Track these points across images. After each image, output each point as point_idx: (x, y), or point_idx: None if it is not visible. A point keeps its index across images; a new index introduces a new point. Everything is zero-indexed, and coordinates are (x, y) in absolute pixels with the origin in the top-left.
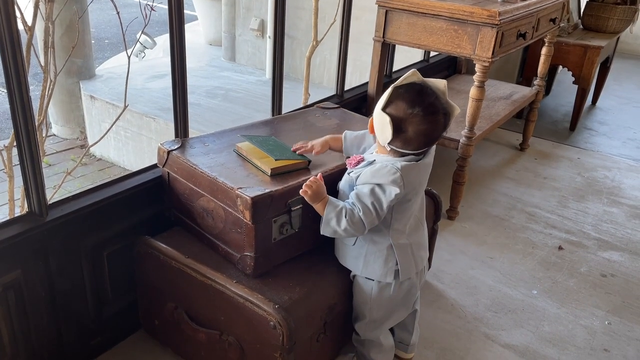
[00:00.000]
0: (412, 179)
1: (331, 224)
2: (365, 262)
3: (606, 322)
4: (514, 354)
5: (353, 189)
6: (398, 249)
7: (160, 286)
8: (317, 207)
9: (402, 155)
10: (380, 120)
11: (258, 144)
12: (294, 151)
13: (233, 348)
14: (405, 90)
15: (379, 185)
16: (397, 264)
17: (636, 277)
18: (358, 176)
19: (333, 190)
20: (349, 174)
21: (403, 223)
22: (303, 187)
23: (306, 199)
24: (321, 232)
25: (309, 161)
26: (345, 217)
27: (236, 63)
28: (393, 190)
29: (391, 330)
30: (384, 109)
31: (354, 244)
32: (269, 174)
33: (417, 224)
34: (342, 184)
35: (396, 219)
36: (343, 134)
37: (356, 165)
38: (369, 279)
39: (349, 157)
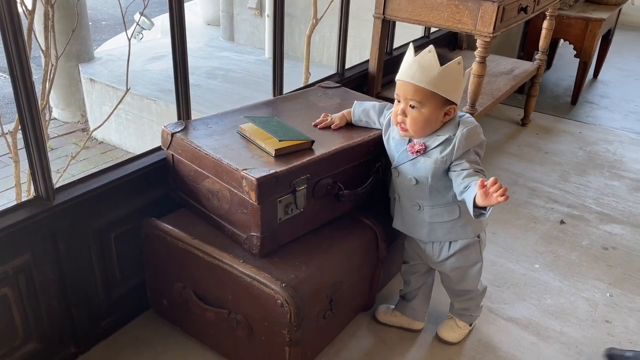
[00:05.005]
0: None
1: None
2: (473, 223)
3: (608, 294)
4: (517, 326)
5: (446, 170)
6: None
7: (167, 267)
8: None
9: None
10: (457, 74)
11: (261, 125)
12: (316, 126)
13: (241, 326)
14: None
15: (479, 144)
16: None
17: (637, 250)
18: (451, 152)
19: (343, 170)
20: (434, 159)
21: None
22: (502, 197)
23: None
24: (486, 217)
25: (313, 141)
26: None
27: (235, 43)
28: (484, 142)
29: (410, 299)
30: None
31: (458, 217)
32: (273, 155)
33: None
34: (425, 171)
35: None
36: (354, 104)
37: (425, 152)
38: (469, 245)
39: (411, 144)
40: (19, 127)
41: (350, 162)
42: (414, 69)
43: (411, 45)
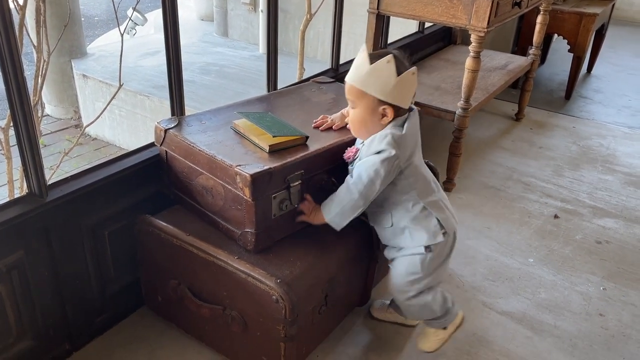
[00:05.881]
0: (406, 139)
1: (332, 209)
2: (411, 233)
3: (601, 288)
4: (511, 320)
5: None
6: (432, 206)
7: (162, 264)
8: (319, 217)
9: (393, 120)
10: (386, 72)
11: (255, 120)
12: (316, 127)
13: (236, 322)
14: (390, 52)
15: (376, 152)
16: (438, 221)
17: (630, 244)
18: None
19: (337, 166)
20: (351, 165)
21: (423, 183)
22: (302, 217)
23: (311, 221)
24: (338, 229)
25: (307, 137)
26: (337, 195)
27: (229, 38)
28: (388, 155)
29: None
30: (389, 62)
31: (391, 225)
32: (267, 151)
33: (435, 185)
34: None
35: (415, 180)
36: None
37: (353, 158)
38: (414, 254)
39: (347, 150)
40: (11, 124)
41: None
42: (351, 68)
43: (363, 46)
